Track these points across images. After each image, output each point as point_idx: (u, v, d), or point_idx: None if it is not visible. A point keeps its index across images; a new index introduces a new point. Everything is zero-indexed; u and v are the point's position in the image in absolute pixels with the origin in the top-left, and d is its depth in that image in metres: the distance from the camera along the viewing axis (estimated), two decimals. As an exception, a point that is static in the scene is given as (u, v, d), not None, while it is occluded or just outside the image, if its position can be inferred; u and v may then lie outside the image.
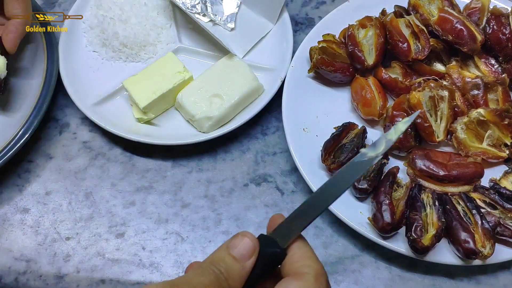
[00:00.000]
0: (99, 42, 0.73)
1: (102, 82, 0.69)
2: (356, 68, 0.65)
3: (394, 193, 0.56)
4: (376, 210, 0.54)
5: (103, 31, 0.72)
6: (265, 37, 0.72)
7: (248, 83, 0.65)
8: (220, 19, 0.72)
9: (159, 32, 0.73)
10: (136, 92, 0.64)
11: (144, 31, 0.72)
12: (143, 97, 0.64)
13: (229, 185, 0.64)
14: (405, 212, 0.54)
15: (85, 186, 0.65)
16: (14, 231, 0.62)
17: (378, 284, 0.56)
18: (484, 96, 0.61)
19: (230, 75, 0.66)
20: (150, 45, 0.72)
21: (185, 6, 0.70)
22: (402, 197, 0.55)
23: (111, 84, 0.69)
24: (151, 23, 0.72)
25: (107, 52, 0.72)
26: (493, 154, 0.58)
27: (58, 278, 0.58)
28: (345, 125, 0.60)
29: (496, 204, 0.55)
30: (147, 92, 0.64)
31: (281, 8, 0.70)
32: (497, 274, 0.56)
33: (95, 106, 0.67)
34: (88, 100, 0.67)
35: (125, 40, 0.71)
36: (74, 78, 0.69)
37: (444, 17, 0.63)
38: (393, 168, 0.58)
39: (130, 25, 0.71)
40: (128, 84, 0.65)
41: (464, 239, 0.51)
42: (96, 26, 0.73)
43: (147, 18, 0.73)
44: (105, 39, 0.72)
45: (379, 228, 0.53)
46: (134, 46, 0.71)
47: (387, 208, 0.53)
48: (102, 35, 0.72)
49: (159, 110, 0.67)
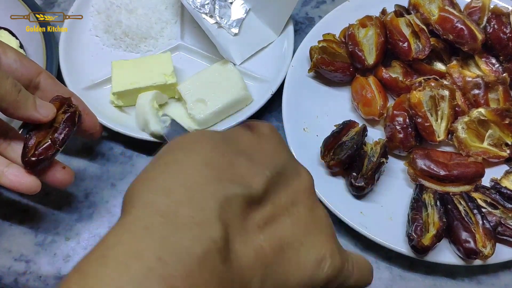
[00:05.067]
0: (103, 28, 0.73)
1: (97, 68, 0.69)
2: (357, 67, 0.65)
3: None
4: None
5: (108, 17, 0.72)
6: (266, 48, 0.72)
7: (235, 92, 0.64)
8: (226, 22, 0.72)
9: (163, 27, 0.73)
10: (117, 75, 0.64)
11: (148, 24, 0.72)
12: (119, 83, 0.64)
13: (229, 185, 0.63)
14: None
15: (85, 186, 0.65)
16: (13, 232, 0.62)
17: (379, 284, 0.56)
18: (485, 96, 0.61)
19: (220, 82, 0.65)
20: (151, 38, 0.72)
21: (194, 5, 0.70)
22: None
23: (106, 71, 0.68)
24: (156, 17, 0.72)
25: (109, 39, 0.72)
26: (494, 153, 0.58)
27: (58, 278, 0.58)
28: (345, 123, 0.60)
29: (497, 204, 0.55)
30: (125, 80, 0.64)
31: (286, 20, 0.70)
32: (498, 274, 0.56)
33: (85, 90, 0.67)
34: (80, 84, 0.67)
35: (127, 29, 0.71)
36: (71, 60, 0.69)
37: (444, 16, 0.62)
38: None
39: (136, 16, 0.71)
40: (115, 65, 0.65)
41: (465, 239, 0.51)
42: (104, 11, 0.73)
43: (154, 11, 0.73)
44: (108, 25, 0.72)
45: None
46: (135, 37, 0.71)
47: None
48: (106, 21, 0.72)
49: (131, 102, 0.66)
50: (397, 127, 0.59)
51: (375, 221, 0.56)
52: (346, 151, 0.58)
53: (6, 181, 0.47)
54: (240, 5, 0.74)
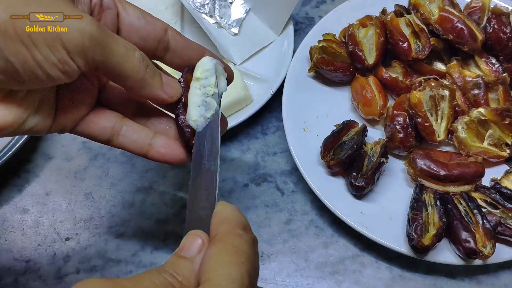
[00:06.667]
0: None
1: None
2: (357, 67, 0.65)
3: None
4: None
5: None
6: (266, 48, 0.72)
7: (236, 92, 0.64)
8: (226, 22, 0.72)
9: None
10: None
11: None
12: None
13: (229, 185, 0.64)
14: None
15: (85, 186, 0.65)
16: (13, 232, 0.62)
17: (379, 284, 0.56)
18: (485, 96, 0.61)
19: None
20: None
21: (194, 5, 0.70)
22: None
23: None
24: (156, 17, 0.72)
25: None
26: (494, 153, 0.58)
27: (58, 278, 0.58)
28: (345, 123, 0.60)
29: (497, 204, 0.55)
30: None
31: (286, 20, 0.70)
32: (498, 273, 0.56)
33: None
34: None
35: None
36: None
37: (444, 16, 0.62)
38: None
39: None
40: None
41: (465, 238, 0.51)
42: None
43: (154, 11, 0.72)
44: None
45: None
46: None
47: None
48: None
49: None
50: (397, 127, 0.59)
51: (375, 221, 0.56)
52: (346, 151, 0.58)
53: (155, 154, 0.42)
54: (240, 5, 0.74)
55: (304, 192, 0.63)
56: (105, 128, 0.41)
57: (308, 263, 0.58)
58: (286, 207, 0.62)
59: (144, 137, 0.42)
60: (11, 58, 0.32)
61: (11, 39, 0.31)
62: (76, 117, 0.40)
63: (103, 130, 0.41)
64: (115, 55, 0.35)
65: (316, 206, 0.61)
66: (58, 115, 0.39)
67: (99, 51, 0.34)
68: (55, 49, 0.32)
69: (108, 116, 0.41)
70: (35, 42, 0.32)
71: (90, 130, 0.41)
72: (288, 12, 0.69)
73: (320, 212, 0.61)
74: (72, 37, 0.33)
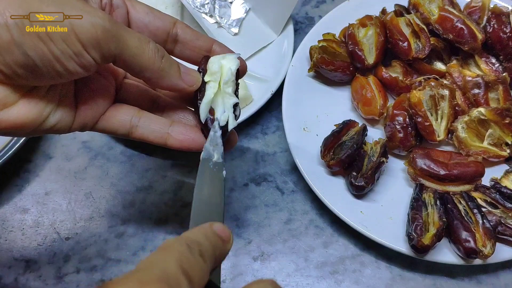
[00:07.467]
0: None
1: None
2: (357, 67, 0.65)
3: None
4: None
5: None
6: (266, 47, 0.72)
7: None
8: (226, 22, 0.72)
9: None
10: None
11: None
12: None
13: (229, 184, 0.64)
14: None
15: (85, 186, 0.65)
16: (13, 231, 0.62)
17: (379, 283, 0.56)
18: (485, 95, 0.61)
19: None
20: None
21: (194, 5, 0.70)
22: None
23: None
24: None
25: None
26: (494, 153, 0.58)
27: (58, 278, 0.58)
28: (345, 123, 0.60)
29: (497, 203, 0.55)
30: None
31: (286, 20, 0.70)
32: (498, 273, 0.56)
33: None
34: None
35: None
36: None
37: (444, 16, 0.62)
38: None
39: None
40: None
41: (465, 238, 0.51)
42: None
43: None
44: None
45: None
46: None
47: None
48: None
49: None
50: (397, 127, 0.59)
51: (375, 221, 0.56)
52: (346, 150, 0.58)
53: (174, 142, 0.43)
54: (240, 4, 0.74)
55: (304, 191, 0.63)
56: (124, 121, 0.42)
57: (308, 263, 0.58)
58: (286, 206, 0.62)
59: (162, 125, 0.43)
60: (30, 52, 0.33)
61: (29, 34, 0.33)
62: (96, 114, 0.41)
63: (122, 123, 0.42)
64: (130, 47, 0.36)
65: (316, 205, 0.61)
66: (78, 112, 0.40)
67: (114, 44, 0.35)
68: (70, 43, 0.34)
69: (125, 110, 0.43)
70: (51, 36, 0.33)
71: (110, 125, 0.42)
72: (288, 12, 0.69)
73: (320, 212, 0.61)
74: (85, 30, 0.34)
